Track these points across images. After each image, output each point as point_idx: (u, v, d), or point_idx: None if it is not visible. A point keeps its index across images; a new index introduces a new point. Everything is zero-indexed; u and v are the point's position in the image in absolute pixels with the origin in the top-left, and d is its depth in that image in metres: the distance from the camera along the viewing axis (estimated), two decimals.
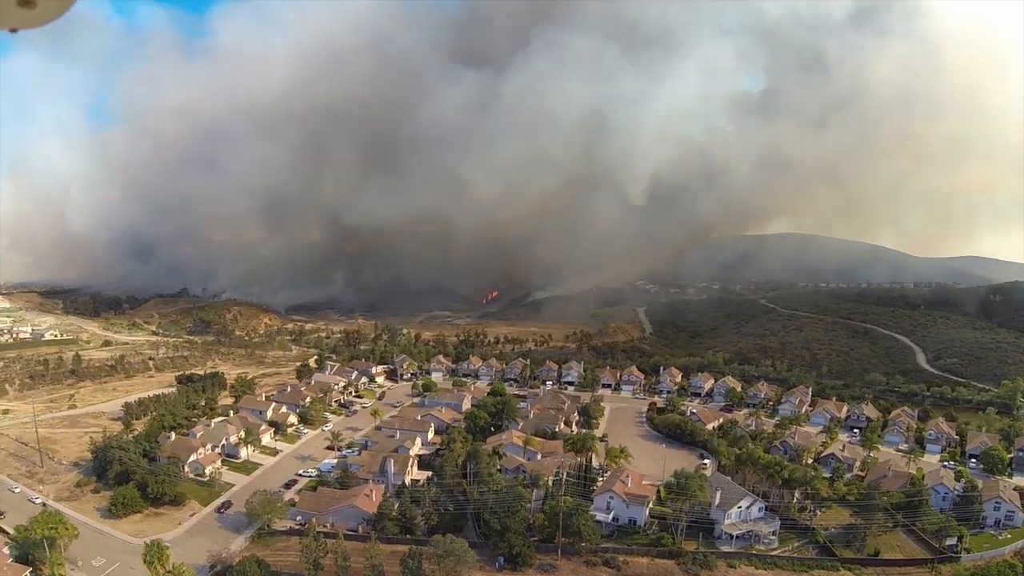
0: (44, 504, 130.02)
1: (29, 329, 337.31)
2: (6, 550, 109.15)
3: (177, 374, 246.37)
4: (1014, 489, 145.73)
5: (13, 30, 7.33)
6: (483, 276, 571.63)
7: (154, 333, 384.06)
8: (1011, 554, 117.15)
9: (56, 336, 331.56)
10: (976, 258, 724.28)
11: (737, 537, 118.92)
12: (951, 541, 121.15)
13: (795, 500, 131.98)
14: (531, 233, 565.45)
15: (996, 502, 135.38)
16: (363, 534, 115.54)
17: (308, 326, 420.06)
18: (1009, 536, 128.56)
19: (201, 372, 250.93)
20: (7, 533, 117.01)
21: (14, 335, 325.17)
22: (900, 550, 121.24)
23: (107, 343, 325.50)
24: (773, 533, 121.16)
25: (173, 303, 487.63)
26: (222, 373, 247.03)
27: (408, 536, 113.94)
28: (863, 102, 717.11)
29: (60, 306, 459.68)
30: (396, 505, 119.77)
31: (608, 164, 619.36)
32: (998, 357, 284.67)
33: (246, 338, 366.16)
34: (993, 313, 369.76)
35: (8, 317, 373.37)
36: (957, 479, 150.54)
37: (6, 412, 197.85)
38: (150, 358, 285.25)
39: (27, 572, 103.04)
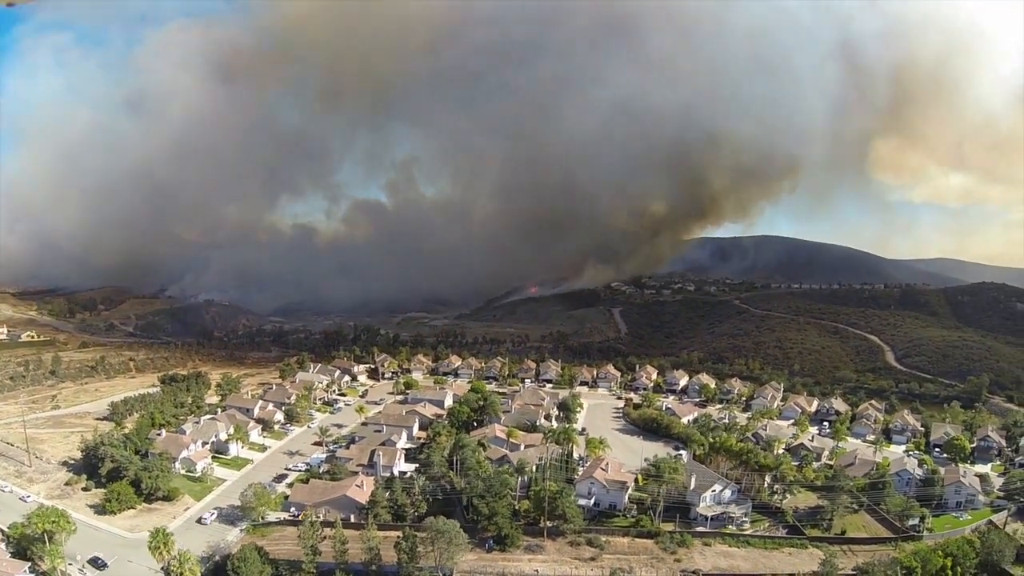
0: (38, 503, 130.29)
1: (5, 330, 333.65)
2: (2, 546, 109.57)
3: (159, 374, 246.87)
4: (976, 475, 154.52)
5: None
6: (465, 278, 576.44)
7: (131, 334, 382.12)
8: (970, 532, 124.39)
9: (33, 337, 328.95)
10: (945, 260, 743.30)
11: (711, 518, 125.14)
12: (913, 521, 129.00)
13: (766, 484, 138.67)
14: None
15: (957, 486, 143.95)
16: (356, 522, 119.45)
17: (286, 327, 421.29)
18: (970, 517, 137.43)
19: (184, 372, 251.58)
20: (1, 531, 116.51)
21: None
22: (865, 530, 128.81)
23: (85, 344, 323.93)
24: (745, 514, 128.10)
25: (150, 304, 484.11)
26: (205, 373, 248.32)
27: (400, 523, 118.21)
28: None
29: (34, 307, 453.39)
30: (387, 494, 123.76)
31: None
32: (964, 354, 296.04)
33: (225, 339, 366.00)
34: (961, 313, 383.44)
35: None
36: (920, 466, 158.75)
37: None
38: (131, 359, 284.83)
39: (26, 567, 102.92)
